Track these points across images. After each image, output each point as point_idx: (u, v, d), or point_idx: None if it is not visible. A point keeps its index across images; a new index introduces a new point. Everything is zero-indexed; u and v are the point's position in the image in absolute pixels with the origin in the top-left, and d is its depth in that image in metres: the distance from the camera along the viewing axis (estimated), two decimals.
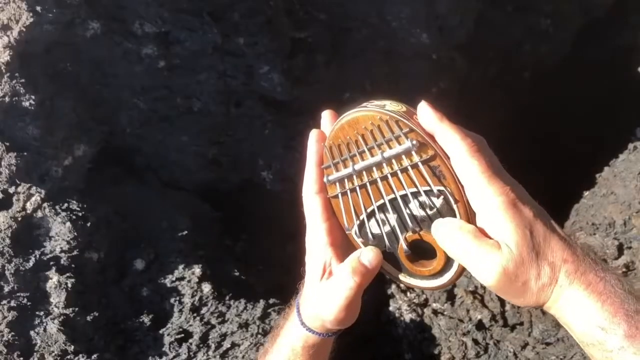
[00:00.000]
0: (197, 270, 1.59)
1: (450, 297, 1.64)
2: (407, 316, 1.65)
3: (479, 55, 2.29)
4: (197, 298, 1.55)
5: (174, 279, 1.59)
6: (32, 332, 1.43)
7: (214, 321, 1.52)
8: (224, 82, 1.68)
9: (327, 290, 0.70)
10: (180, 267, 1.60)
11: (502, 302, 1.58)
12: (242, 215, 1.94)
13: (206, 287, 1.57)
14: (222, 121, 1.75)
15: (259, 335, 1.50)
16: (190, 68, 1.64)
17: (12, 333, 1.41)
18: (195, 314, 1.52)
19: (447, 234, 0.61)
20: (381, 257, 0.68)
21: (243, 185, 1.89)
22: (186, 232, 1.67)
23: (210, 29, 1.57)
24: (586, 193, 1.68)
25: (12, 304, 1.44)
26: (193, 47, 1.60)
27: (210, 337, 1.49)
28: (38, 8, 1.36)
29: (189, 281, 1.58)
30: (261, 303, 1.56)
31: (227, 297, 1.57)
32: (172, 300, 1.55)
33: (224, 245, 1.83)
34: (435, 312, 1.64)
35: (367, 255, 0.68)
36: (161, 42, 1.57)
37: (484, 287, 1.62)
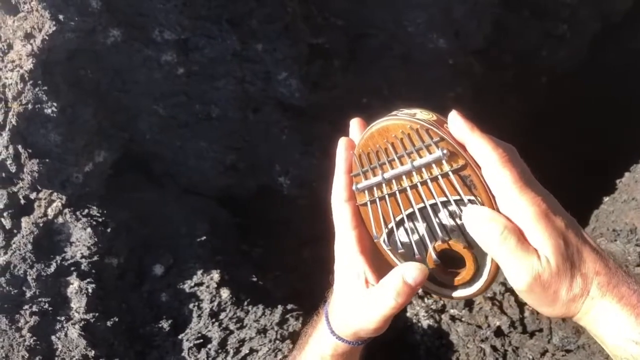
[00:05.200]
0: (216, 275, 1.60)
1: (469, 303, 1.63)
2: (425, 322, 1.64)
3: (496, 60, 2.28)
4: (215, 303, 1.55)
5: (192, 284, 1.59)
6: (53, 337, 1.44)
7: (232, 327, 1.52)
8: (242, 88, 1.69)
9: (365, 302, 0.69)
10: (199, 272, 1.61)
11: (521, 309, 1.57)
12: (259, 221, 1.94)
13: (224, 293, 1.57)
14: (240, 127, 1.76)
15: (277, 341, 1.50)
16: (209, 74, 1.65)
17: (34, 338, 1.43)
18: (214, 320, 1.53)
19: (488, 230, 0.60)
20: (427, 273, 0.66)
21: (260, 190, 1.90)
22: (204, 237, 1.68)
23: (229, 35, 1.58)
24: (606, 199, 1.67)
25: (34, 309, 1.45)
26: (212, 53, 1.61)
27: (228, 342, 1.49)
28: (60, 16, 1.38)
29: (207, 286, 1.59)
30: (279, 309, 1.56)
31: (245, 303, 1.57)
32: (190, 305, 1.56)
33: (241, 250, 1.84)
34: (453, 318, 1.63)
35: (412, 274, 0.66)
36: (180, 49, 1.58)
37: (502, 294, 1.61)
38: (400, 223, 0.67)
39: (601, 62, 2.54)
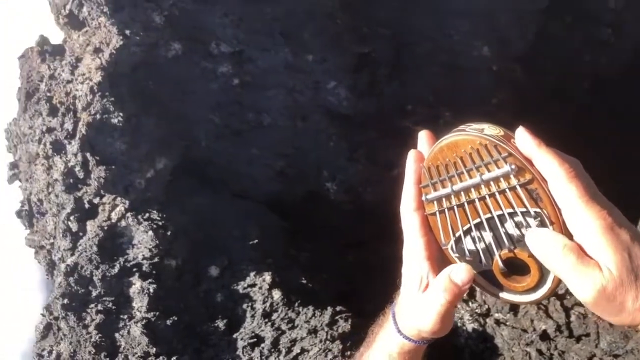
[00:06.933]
0: (267, 277, 1.65)
1: (514, 307, 1.65)
2: (469, 326, 1.67)
3: (539, 66, 2.29)
4: (268, 304, 1.61)
5: (245, 285, 1.65)
6: (117, 335, 1.53)
7: (284, 327, 1.57)
8: (293, 97, 1.75)
9: (423, 303, 0.74)
10: (252, 274, 1.66)
11: (567, 313, 1.58)
12: (306, 225, 2.00)
13: (276, 294, 1.62)
14: (290, 135, 1.82)
15: (327, 342, 1.54)
16: (261, 85, 1.71)
17: (100, 335, 1.51)
18: (266, 320, 1.58)
19: (549, 250, 0.63)
20: (472, 273, 0.70)
21: (308, 195, 1.96)
22: (256, 240, 1.74)
23: (282, 47, 1.65)
24: None
25: (99, 307, 1.54)
26: (265, 65, 1.67)
27: (281, 342, 1.54)
28: (127, 31, 1.46)
29: (260, 288, 1.64)
30: (328, 310, 1.60)
31: (296, 304, 1.62)
32: (244, 305, 1.62)
33: (290, 253, 1.89)
34: (497, 322, 1.65)
35: (459, 273, 0.70)
36: (236, 61, 1.65)
37: (548, 298, 1.63)
38: (467, 232, 0.71)
39: None
